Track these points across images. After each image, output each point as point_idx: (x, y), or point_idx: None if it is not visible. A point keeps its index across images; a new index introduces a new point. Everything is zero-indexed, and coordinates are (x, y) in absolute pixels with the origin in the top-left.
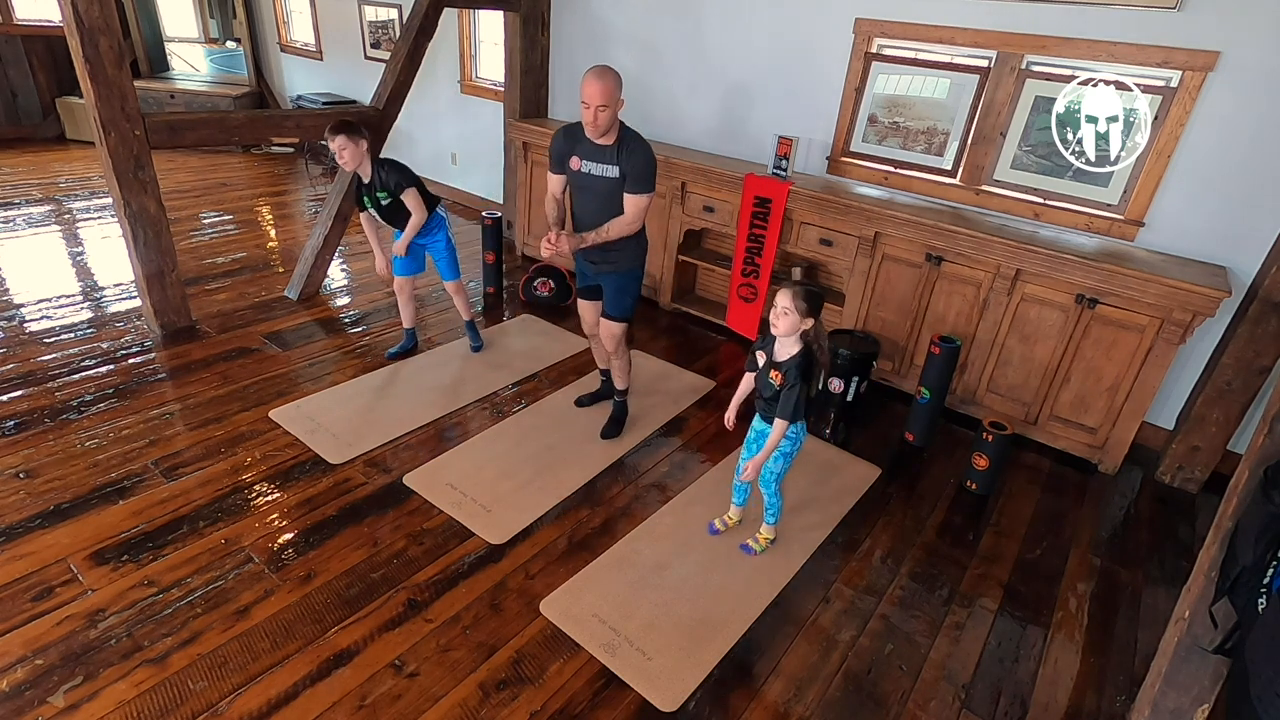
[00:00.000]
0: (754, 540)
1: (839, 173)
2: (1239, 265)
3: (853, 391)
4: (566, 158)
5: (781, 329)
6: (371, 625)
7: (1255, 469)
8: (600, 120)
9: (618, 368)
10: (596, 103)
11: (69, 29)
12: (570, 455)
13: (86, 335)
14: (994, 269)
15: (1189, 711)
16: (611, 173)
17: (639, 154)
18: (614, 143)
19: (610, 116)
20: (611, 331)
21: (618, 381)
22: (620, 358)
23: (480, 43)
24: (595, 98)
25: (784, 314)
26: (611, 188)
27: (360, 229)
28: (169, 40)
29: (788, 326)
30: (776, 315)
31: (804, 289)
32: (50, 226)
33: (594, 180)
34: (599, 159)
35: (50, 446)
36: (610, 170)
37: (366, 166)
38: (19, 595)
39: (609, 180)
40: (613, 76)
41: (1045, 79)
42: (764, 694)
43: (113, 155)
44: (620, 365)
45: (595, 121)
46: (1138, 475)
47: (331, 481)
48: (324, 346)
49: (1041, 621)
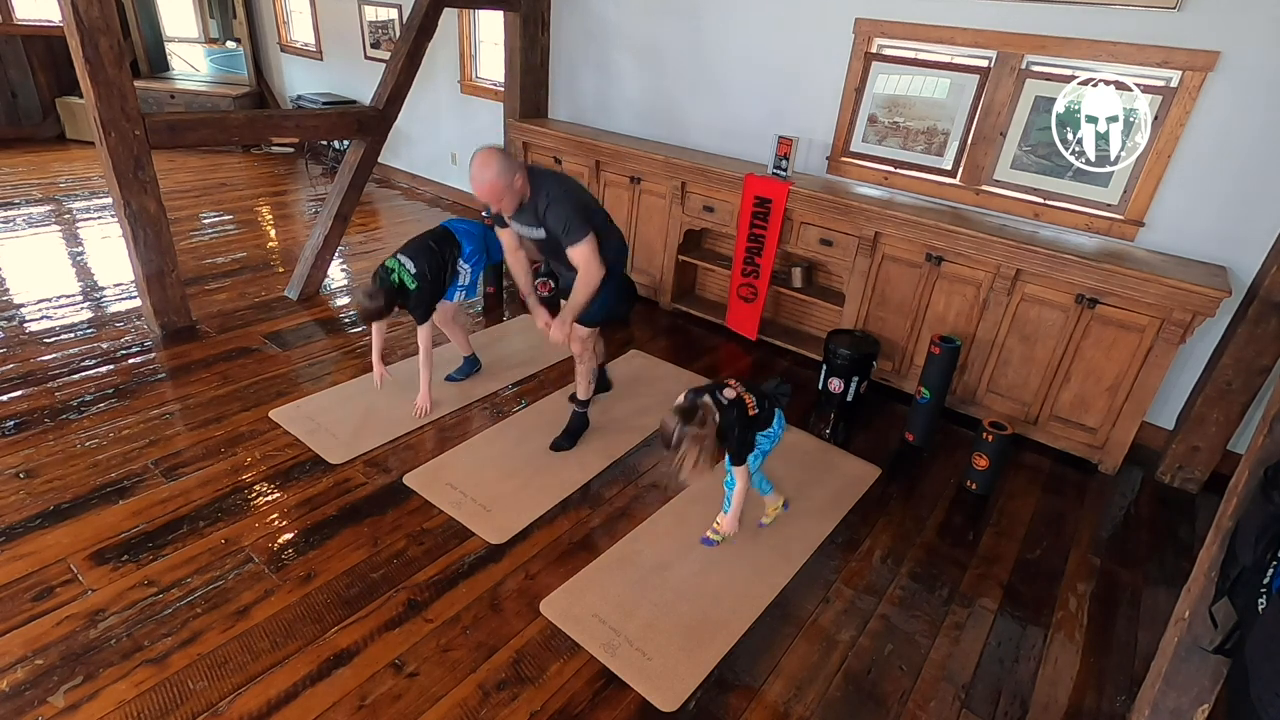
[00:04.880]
0: (712, 530)
1: (839, 173)
2: (1239, 265)
3: (853, 391)
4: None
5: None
6: (371, 625)
7: (1255, 469)
8: (505, 207)
9: (580, 374)
10: (488, 200)
11: (69, 29)
12: (570, 455)
13: (86, 335)
14: (994, 269)
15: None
16: (538, 233)
17: (554, 210)
18: (530, 204)
19: (512, 200)
20: (578, 334)
21: (580, 391)
22: (584, 363)
23: (480, 43)
24: (485, 197)
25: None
26: (547, 245)
27: (360, 229)
28: (169, 40)
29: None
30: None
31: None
32: (50, 226)
33: (531, 241)
34: (523, 220)
35: (50, 446)
36: (536, 231)
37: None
38: (19, 595)
39: (540, 240)
40: (492, 169)
41: (1045, 79)
42: (764, 694)
43: (113, 155)
44: (583, 372)
45: (502, 209)
46: (1138, 475)
47: (331, 481)
48: (324, 346)
49: (1041, 621)
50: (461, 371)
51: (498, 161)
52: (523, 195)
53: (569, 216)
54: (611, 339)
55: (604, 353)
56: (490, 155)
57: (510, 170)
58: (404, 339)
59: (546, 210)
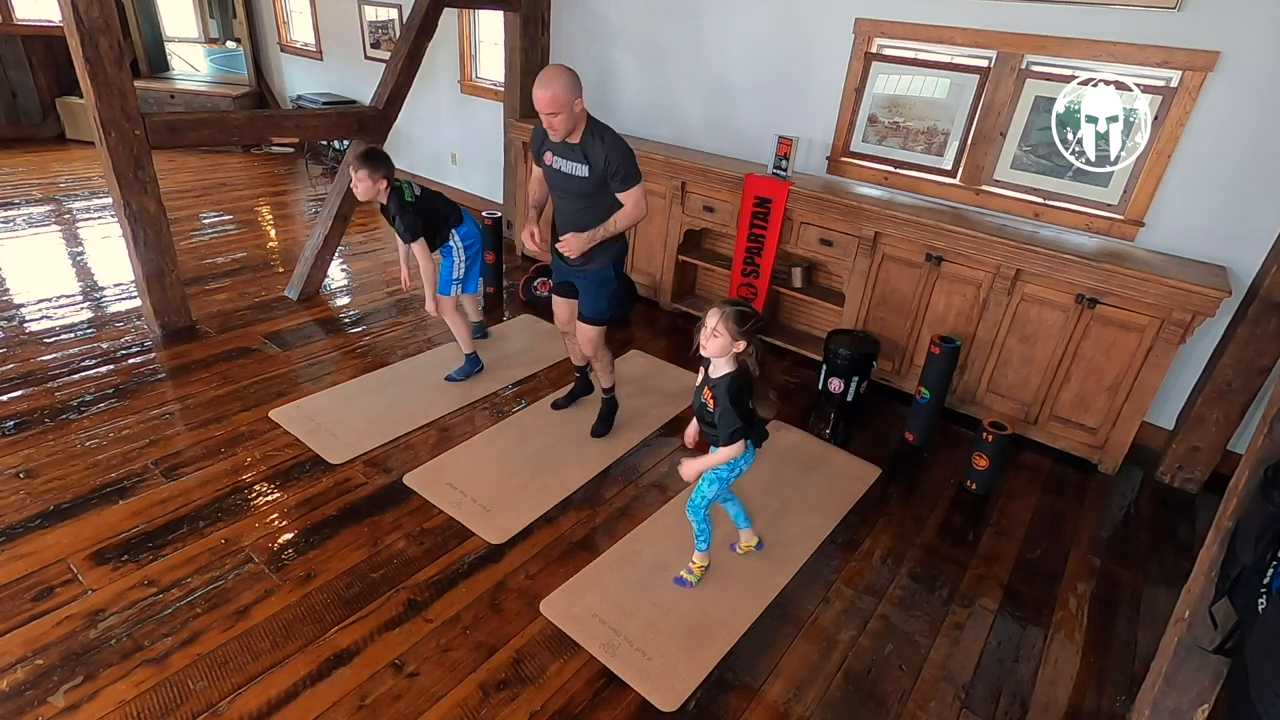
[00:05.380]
0: (688, 571)
1: (839, 173)
2: (1239, 265)
3: (853, 391)
4: (541, 152)
5: (711, 351)
6: (371, 625)
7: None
8: (556, 126)
9: (599, 368)
10: (545, 110)
11: (69, 29)
12: (570, 455)
13: (86, 335)
14: (994, 269)
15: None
16: (581, 171)
17: (611, 149)
18: (579, 141)
19: (566, 120)
20: (587, 335)
21: (603, 380)
22: (600, 359)
23: (480, 43)
24: (544, 105)
25: (713, 336)
26: (583, 186)
27: (360, 229)
28: (169, 40)
29: (717, 349)
30: (705, 336)
31: (735, 310)
32: (50, 226)
33: (565, 179)
34: (568, 156)
35: (50, 446)
36: (580, 169)
37: (383, 197)
38: (19, 595)
39: (579, 179)
40: (561, 81)
41: (1045, 79)
42: (764, 694)
43: (113, 155)
44: (602, 365)
45: (551, 127)
46: (1138, 475)
47: (331, 481)
48: (324, 346)
49: (1041, 621)
50: (462, 372)
51: (568, 75)
52: (576, 124)
53: (624, 157)
54: (612, 339)
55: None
56: (560, 69)
57: (576, 89)
58: (404, 339)
59: (607, 150)
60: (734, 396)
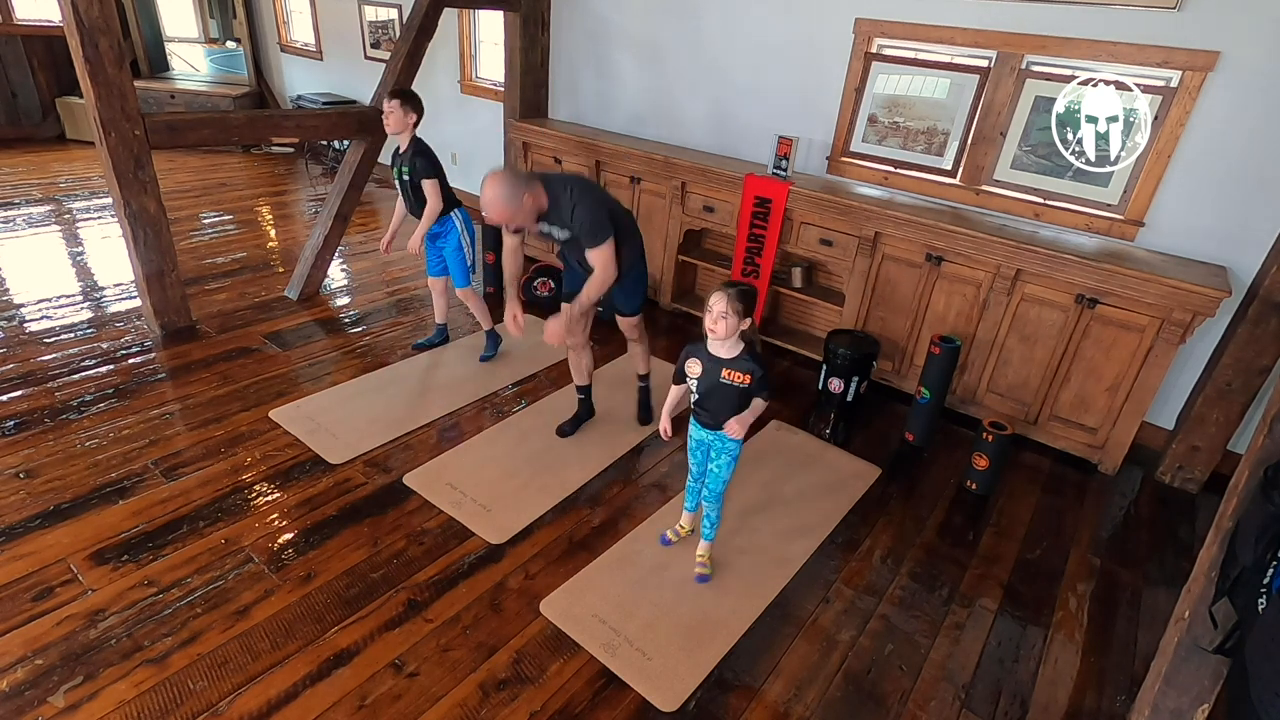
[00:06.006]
0: (702, 565)
1: (839, 173)
2: (1239, 265)
3: (853, 391)
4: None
5: (722, 333)
6: (371, 625)
7: (1255, 469)
8: (521, 224)
9: (639, 353)
10: (500, 222)
11: (69, 29)
12: (570, 455)
13: (86, 335)
14: (994, 269)
15: (1189, 711)
16: (562, 234)
17: (580, 211)
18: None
19: (526, 217)
20: (629, 323)
21: (640, 366)
22: (641, 343)
23: (480, 43)
24: (499, 220)
25: (722, 318)
26: (574, 242)
27: (360, 229)
28: (169, 40)
29: (728, 330)
30: (714, 320)
31: (738, 290)
32: (50, 226)
33: (553, 241)
34: (549, 220)
35: (50, 446)
36: (561, 233)
37: (405, 139)
38: (19, 595)
39: (564, 240)
40: (499, 194)
41: (1045, 79)
42: (764, 694)
43: (113, 155)
44: (642, 350)
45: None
46: (1138, 475)
47: (331, 481)
48: (324, 346)
49: (1041, 621)
50: (490, 349)
51: (503, 183)
52: (539, 208)
53: (593, 220)
54: (612, 339)
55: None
56: (496, 178)
57: (518, 190)
58: (404, 339)
59: (574, 204)
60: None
